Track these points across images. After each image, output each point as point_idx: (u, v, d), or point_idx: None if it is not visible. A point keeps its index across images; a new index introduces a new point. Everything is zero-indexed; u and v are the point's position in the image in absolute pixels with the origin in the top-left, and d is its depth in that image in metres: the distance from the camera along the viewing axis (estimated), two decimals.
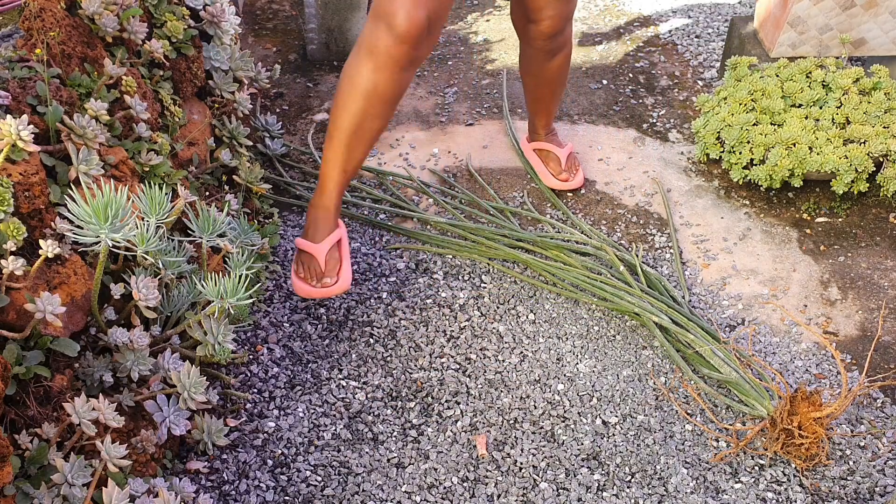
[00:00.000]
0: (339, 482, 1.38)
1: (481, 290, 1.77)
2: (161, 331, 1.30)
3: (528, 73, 1.93)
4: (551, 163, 2.05)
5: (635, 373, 1.59)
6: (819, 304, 1.76)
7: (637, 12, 2.92)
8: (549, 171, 2.05)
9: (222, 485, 1.35)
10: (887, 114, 1.96)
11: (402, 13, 1.44)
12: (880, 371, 1.60)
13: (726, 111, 2.04)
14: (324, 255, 1.62)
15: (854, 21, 2.17)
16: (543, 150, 2.07)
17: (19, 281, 1.05)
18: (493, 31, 2.79)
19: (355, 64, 1.52)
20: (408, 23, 1.44)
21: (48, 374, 1.06)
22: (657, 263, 1.85)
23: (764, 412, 1.43)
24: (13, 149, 1.07)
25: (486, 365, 1.60)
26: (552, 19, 1.74)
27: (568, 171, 2.04)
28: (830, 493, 1.38)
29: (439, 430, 1.48)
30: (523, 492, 1.37)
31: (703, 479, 1.40)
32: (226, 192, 1.70)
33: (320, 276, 1.62)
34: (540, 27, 1.76)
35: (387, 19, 1.45)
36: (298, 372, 1.57)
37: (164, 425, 1.20)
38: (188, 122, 1.67)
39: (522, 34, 1.85)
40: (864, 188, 1.92)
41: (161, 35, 1.57)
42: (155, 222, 1.15)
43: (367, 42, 1.49)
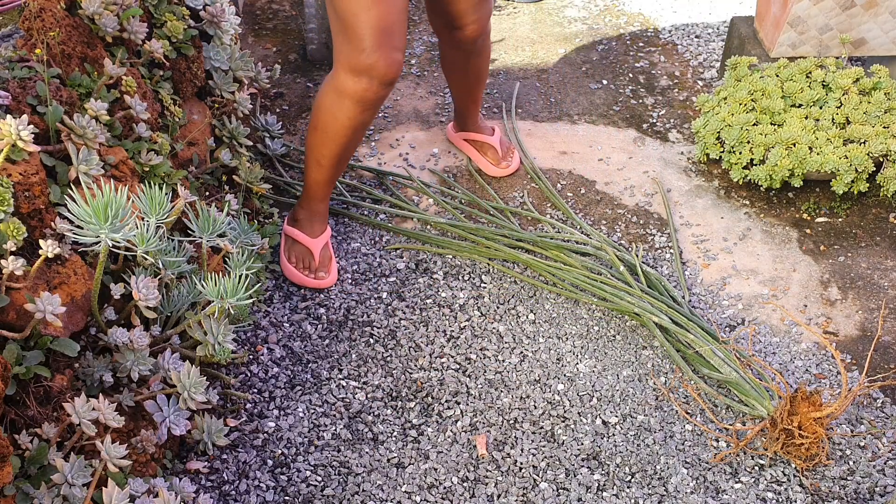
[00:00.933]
0: (339, 482, 1.38)
1: (481, 290, 1.77)
2: (161, 331, 1.30)
3: (453, 72, 1.95)
4: (489, 152, 2.08)
5: (635, 373, 1.59)
6: (819, 304, 1.76)
7: (637, 12, 2.92)
8: (487, 160, 2.08)
9: (222, 485, 1.35)
10: (887, 114, 1.96)
11: (382, 64, 1.49)
12: (880, 371, 1.60)
13: (726, 111, 2.04)
14: (319, 249, 1.75)
15: (854, 21, 2.17)
16: (477, 142, 2.09)
17: (19, 281, 1.05)
18: (493, 31, 2.79)
19: (339, 107, 1.56)
20: (389, 70, 1.50)
21: (48, 374, 1.06)
22: (657, 263, 1.85)
23: (764, 412, 1.43)
24: (13, 149, 1.07)
25: (486, 365, 1.60)
26: (476, 23, 1.76)
27: (505, 157, 2.08)
28: (830, 493, 1.38)
29: (439, 430, 1.48)
30: (523, 492, 1.37)
31: (703, 479, 1.40)
32: (226, 192, 1.70)
33: (314, 268, 1.74)
34: (465, 32, 1.77)
35: (368, 73, 1.49)
36: (298, 372, 1.57)
37: (164, 425, 1.20)
38: (188, 122, 1.67)
39: (446, 40, 1.85)
40: (864, 188, 1.92)
41: (161, 35, 1.57)
42: (155, 222, 1.15)
43: (350, 91, 1.53)
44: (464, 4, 1.71)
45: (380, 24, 1.46)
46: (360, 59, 1.48)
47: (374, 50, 1.47)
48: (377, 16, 1.45)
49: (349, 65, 1.51)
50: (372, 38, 1.46)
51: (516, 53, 2.64)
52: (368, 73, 1.50)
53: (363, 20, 1.45)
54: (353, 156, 2.15)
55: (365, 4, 1.44)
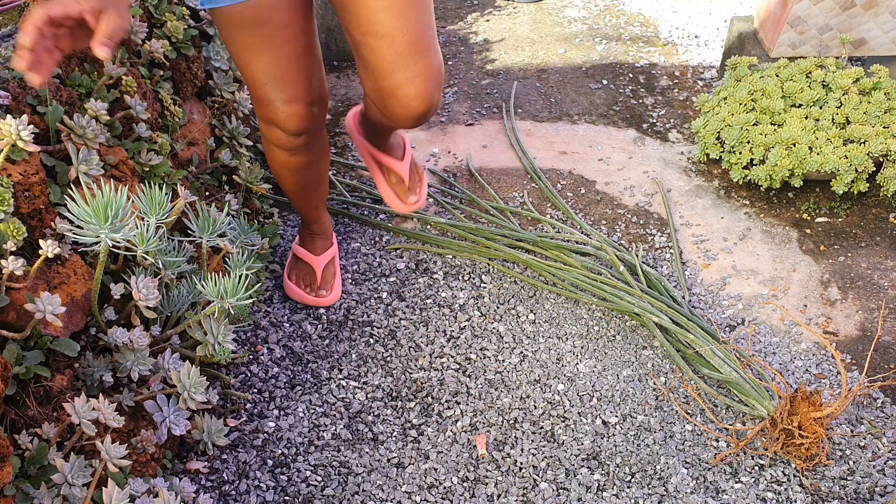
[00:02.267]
0: (339, 482, 1.38)
1: (481, 290, 1.77)
2: (161, 331, 1.30)
3: None
4: (393, 180, 1.71)
5: (635, 373, 1.59)
6: (819, 304, 1.75)
7: (637, 12, 2.92)
8: (392, 190, 1.71)
9: (222, 485, 1.35)
10: (887, 114, 1.96)
11: (282, 117, 1.39)
12: (880, 371, 1.60)
13: (726, 111, 2.04)
14: (322, 267, 1.72)
15: (854, 21, 2.17)
16: (384, 166, 1.71)
17: (19, 281, 1.05)
18: (493, 31, 2.79)
19: (269, 150, 1.50)
20: (290, 122, 1.40)
21: (48, 374, 1.06)
22: (657, 263, 1.85)
23: (764, 412, 1.43)
24: (13, 149, 1.07)
25: (486, 365, 1.60)
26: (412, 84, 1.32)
27: (412, 188, 1.72)
28: (830, 493, 1.38)
29: (439, 430, 1.48)
30: (523, 492, 1.37)
31: (703, 479, 1.40)
32: (226, 192, 1.70)
33: (316, 286, 1.72)
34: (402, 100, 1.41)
35: (275, 122, 1.41)
36: (298, 372, 1.57)
37: (164, 425, 1.20)
38: (188, 122, 1.67)
39: None
40: (864, 188, 1.92)
41: (161, 35, 1.57)
42: (155, 222, 1.15)
43: (270, 138, 1.46)
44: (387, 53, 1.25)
45: (269, 76, 1.34)
46: (265, 111, 1.40)
47: (271, 102, 1.37)
48: (261, 68, 1.33)
49: (260, 116, 1.43)
50: (265, 90, 1.35)
51: (516, 53, 2.64)
52: (275, 123, 1.41)
53: (250, 73, 1.34)
54: (353, 155, 2.15)
55: (246, 57, 1.32)
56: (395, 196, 1.71)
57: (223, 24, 1.31)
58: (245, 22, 1.28)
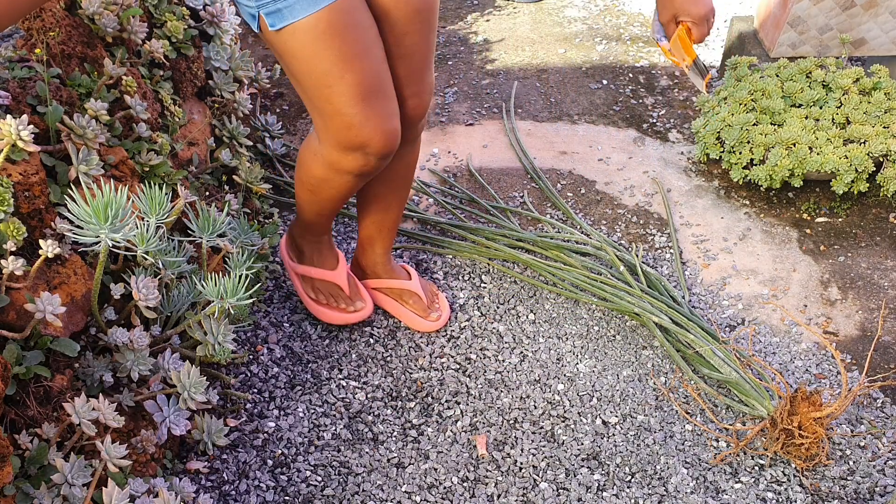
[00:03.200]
0: (339, 482, 1.38)
1: (481, 290, 1.77)
2: (161, 331, 1.30)
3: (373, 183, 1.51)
4: (410, 301, 1.65)
5: (635, 373, 1.59)
6: (819, 304, 1.75)
7: (637, 12, 2.92)
8: (412, 311, 1.65)
9: (222, 485, 1.35)
10: (887, 114, 1.96)
11: (378, 138, 1.24)
12: (880, 371, 1.60)
13: (726, 111, 2.04)
14: (345, 279, 1.61)
15: (854, 21, 2.17)
16: (394, 290, 1.66)
17: (19, 281, 1.05)
18: (493, 31, 2.79)
19: (334, 178, 1.34)
20: (387, 143, 1.27)
21: (48, 374, 1.06)
22: (657, 263, 1.85)
23: (764, 412, 1.43)
24: (13, 149, 1.07)
25: (486, 365, 1.60)
26: (418, 97, 1.37)
27: (431, 304, 1.66)
28: (830, 493, 1.38)
29: (439, 430, 1.48)
30: (523, 492, 1.37)
31: (703, 479, 1.40)
32: (226, 192, 1.70)
33: (348, 301, 1.60)
34: (405, 109, 1.37)
35: (362, 149, 1.26)
36: (298, 372, 1.57)
37: (164, 425, 1.20)
38: (188, 122, 1.67)
39: None
40: (864, 188, 1.92)
41: (161, 35, 1.57)
42: (155, 222, 1.15)
43: (348, 168, 1.30)
44: (403, 70, 1.32)
45: (363, 90, 1.20)
46: (348, 136, 1.24)
47: (363, 124, 1.22)
48: (356, 80, 1.19)
49: (337, 143, 1.26)
50: (357, 109, 1.21)
51: (516, 53, 2.64)
52: (363, 149, 1.26)
53: (340, 91, 1.19)
54: None
55: (337, 72, 1.18)
56: (417, 316, 1.64)
57: (304, 41, 1.17)
58: (336, 28, 1.16)
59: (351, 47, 1.18)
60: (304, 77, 1.21)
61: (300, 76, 1.22)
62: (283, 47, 1.19)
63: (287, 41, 1.17)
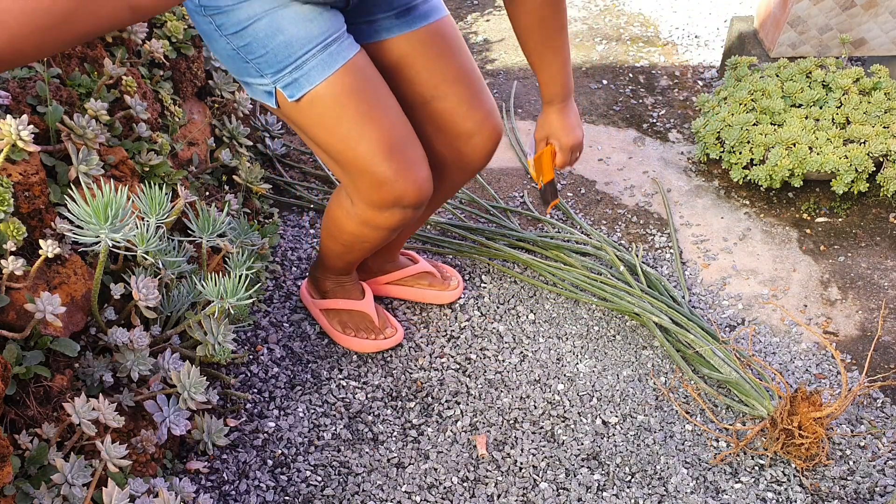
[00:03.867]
0: (339, 482, 1.38)
1: (481, 290, 1.77)
2: (161, 331, 1.30)
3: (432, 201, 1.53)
4: (426, 282, 1.70)
5: (635, 373, 1.59)
6: (819, 304, 1.75)
7: (637, 12, 2.92)
8: (432, 290, 1.70)
9: (222, 485, 1.35)
10: (887, 114, 1.96)
11: (412, 190, 1.26)
12: (880, 371, 1.60)
13: (726, 111, 2.04)
14: (373, 309, 1.61)
15: (854, 21, 2.17)
16: (409, 278, 1.70)
17: (19, 281, 1.05)
18: (493, 31, 2.79)
19: (370, 232, 1.36)
20: (422, 191, 1.27)
21: (48, 374, 1.06)
22: (657, 263, 1.85)
23: (764, 412, 1.43)
24: (13, 149, 1.07)
25: (486, 365, 1.60)
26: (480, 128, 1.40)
27: (446, 277, 1.72)
28: (830, 493, 1.38)
29: (439, 430, 1.48)
30: (523, 492, 1.37)
31: (703, 479, 1.40)
32: (226, 192, 1.70)
33: (378, 330, 1.60)
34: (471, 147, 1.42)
35: (398, 204, 1.27)
36: (298, 372, 1.57)
37: (164, 425, 1.20)
38: (188, 122, 1.67)
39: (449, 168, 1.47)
40: (864, 188, 1.92)
41: (161, 35, 1.57)
42: (155, 222, 1.15)
43: (384, 224, 1.32)
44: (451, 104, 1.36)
45: (388, 143, 1.23)
46: (381, 194, 1.25)
47: (395, 178, 1.23)
48: (380, 135, 1.22)
49: (371, 202, 1.28)
50: (385, 164, 1.22)
51: (516, 53, 2.64)
52: (398, 204, 1.27)
53: (366, 149, 1.22)
54: None
55: (360, 130, 1.21)
56: (440, 292, 1.69)
57: (325, 105, 1.20)
58: (353, 87, 1.20)
59: (369, 103, 1.21)
60: (328, 142, 1.23)
61: (324, 142, 1.24)
62: (303, 116, 1.22)
63: (306, 109, 1.21)
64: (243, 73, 1.23)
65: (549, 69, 1.36)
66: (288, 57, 1.18)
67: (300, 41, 1.17)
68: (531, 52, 1.34)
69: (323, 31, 1.19)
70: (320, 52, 1.18)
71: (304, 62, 1.18)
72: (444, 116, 1.38)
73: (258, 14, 1.17)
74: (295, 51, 1.18)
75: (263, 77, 1.20)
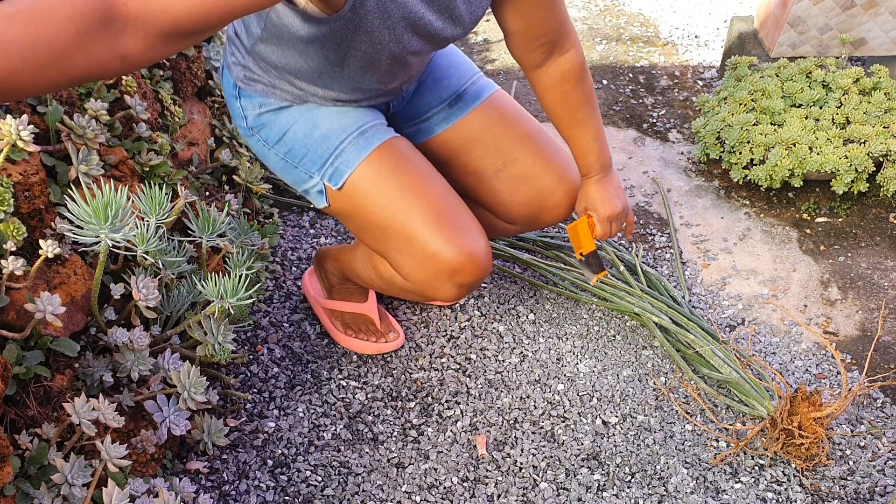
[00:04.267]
0: (339, 482, 1.38)
1: (481, 290, 1.77)
2: (161, 331, 1.30)
3: None
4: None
5: (635, 373, 1.59)
6: (819, 304, 1.75)
7: (637, 12, 2.92)
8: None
9: (222, 485, 1.35)
10: (887, 114, 1.96)
11: (467, 264, 1.22)
12: (880, 371, 1.60)
13: (726, 111, 2.04)
14: (377, 312, 1.61)
15: (854, 21, 2.17)
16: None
17: (19, 281, 1.05)
18: (493, 31, 2.79)
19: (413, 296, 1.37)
20: (476, 266, 1.23)
21: (48, 374, 1.06)
22: (657, 263, 1.85)
23: (764, 412, 1.43)
24: (13, 149, 1.07)
25: (486, 365, 1.60)
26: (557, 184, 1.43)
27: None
28: (830, 493, 1.38)
29: (439, 430, 1.48)
30: (523, 492, 1.37)
31: (703, 479, 1.40)
32: (226, 192, 1.70)
33: (379, 333, 1.60)
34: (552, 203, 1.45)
35: (453, 278, 1.23)
36: (298, 372, 1.57)
37: (164, 425, 1.20)
38: (188, 122, 1.67)
39: None
40: (864, 188, 1.92)
41: None
42: (155, 222, 1.15)
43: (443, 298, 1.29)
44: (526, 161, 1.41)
45: (436, 213, 1.21)
46: (434, 267, 1.22)
47: (445, 248, 1.20)
48: (427, 205, 1.21)
49: (425, 280, 1.25)
50: (435, 232, 1.20)
51: None
52: (453, 279, 1.23)
53: (412, 219, 1.20)
54: None
55: (406, 204, 1.20)
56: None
57: (367, 186, 1.22)
58: (390, 163, 1.22)
59: (410, 177, 1.23)
60: (376, 222, 1.24)
61: (372, 225, 1.25)
62: (350, 203, 1.25)
63: (350, 194, 1.24)
64: (298, 182, 1.29)
65: (579, 143, 1.37)
66: (327, 149, 1.23)
67: (336, 132, 1.23)
68: (559, 126, 1.37)
69: (357, 121, 1.25)
70: (357, 139, 1.23)
71: (342, 150, 1.23)
72: (521, 178, 1.41)
73: (295, 118, 1.24)
74: (332, 142, 1.23)
75: (313, 177, 1.26)
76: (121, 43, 0.76)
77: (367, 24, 1.05)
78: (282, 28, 1.09)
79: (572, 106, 1.33)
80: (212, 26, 0.82)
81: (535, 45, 1.26)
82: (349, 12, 1.02)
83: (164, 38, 0.79)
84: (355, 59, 1.12)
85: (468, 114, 1.40)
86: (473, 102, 1.41)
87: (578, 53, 1.31)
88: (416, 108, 1.41)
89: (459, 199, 1.28)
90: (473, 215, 1.28)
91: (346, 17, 1.03)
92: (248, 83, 1.26)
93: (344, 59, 1.12)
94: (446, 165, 1.44)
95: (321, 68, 1.15)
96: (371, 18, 1.04)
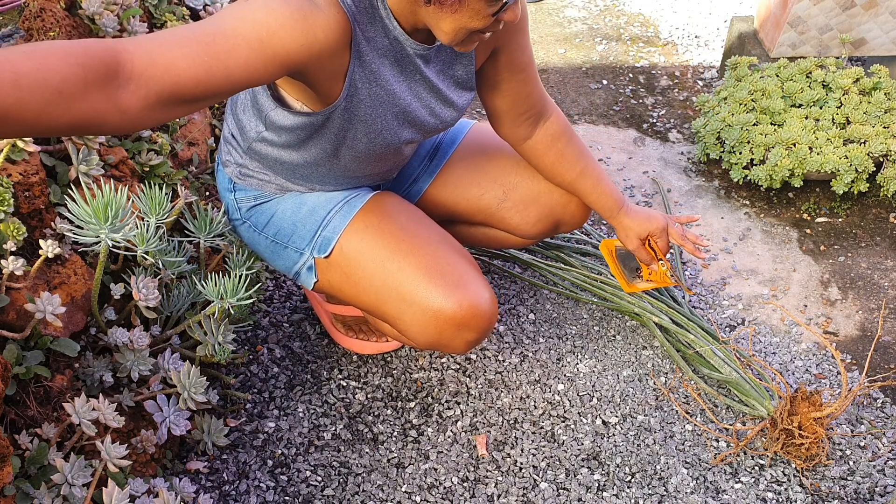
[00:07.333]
0: (339, 482, 1.38)
1: None
2: (161, 331, 1.30)
3: None
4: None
5: (635, 373, 1.59)
6: (819, 304, 1.75)
7: (637, 12, 2.92)
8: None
9: (222, 485, 1.35)
10: (887, 114, 1.96)
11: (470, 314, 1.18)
12: (880, 371, 1.60)
13: (726, 111, 2.04)
14: None
15: (854, 21, 2.17)
16: None
17: (19, 281, 1.05)
18: None
19: None
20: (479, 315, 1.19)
21: (48, 374, 1.06)
22: None
23: (764, 412, 1.43)
24: (13, 149, 1.07)
25: (486, 365, 1.60)
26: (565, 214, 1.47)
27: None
28: (830, 493, 1.38)
29: (439, 430, 1.47)
30: (523, 492, 1.37)
31: (703, 479, 1.40)
32: None
33: (380, 334, 1.58)
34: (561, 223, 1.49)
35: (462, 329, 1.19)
36: (298, 372, 1.57)
37: (164, 425, 1.20)
38: (188, 122, 1.67)
39: None
40: (864, 188, 1.92)
41: None
42: (155, 222, 1.15)
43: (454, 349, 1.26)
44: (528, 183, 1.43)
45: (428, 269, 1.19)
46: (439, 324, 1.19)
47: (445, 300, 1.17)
48: (418, 262, 1.19)
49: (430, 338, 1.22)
50: (430, 288, 1.17)
51: None
52: (463, 329, 1.20)
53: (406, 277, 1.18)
54: None
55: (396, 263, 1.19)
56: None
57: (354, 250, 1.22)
58: (375, 224, 1.23)
59: (398, 236, 1.23)
60: (369, 289, 1.22)
61: (365, 292, 1.23)
62: (338, 271, 1.25)
63: (339, 262, 1.25)
64: (289, 263, 1.30)
65: (591, 194, 1.41)
66: (315, 222, 1.25)
67: (323, 205, 1.26)
68: (565, 184, 1.40)
69: (344, 194, 1.28)
70: (342, 207, 1.26)
71: (329, 220, 1.25)
72: (526, 201, 1.44)
73: (285, 201, 1.28)
74: (320, 214, 1.25)
75: (303, 254, 1.28)
76: (120, 96, 0.79)
77: (360, 112, 1.09)
78: (280, 124, 1.13)
79: (571, 160, 1.36)
80: (210, 95, 0.86)
81: (522, 119, 1.31)
82: (344, 101, 1.06)
83: (163, 100, 0.82)
84: (350, 149, 1.15)
85: (448, 159, 1.44)
86: (451, 148, 1.44)
87: (560, 115, 1.36)
88: (402, 175, 1.45)
89: (456, 247, 1.26)
90: (474, 263, 1.25)
91: (342, 106, 1.07)
92: (243, 178, 1.30)
93: (338, 150, 1.15)
94: (451, 213, 1.48)
95: (317, 160, 1.18)
96: (364, 108, 1.08)
